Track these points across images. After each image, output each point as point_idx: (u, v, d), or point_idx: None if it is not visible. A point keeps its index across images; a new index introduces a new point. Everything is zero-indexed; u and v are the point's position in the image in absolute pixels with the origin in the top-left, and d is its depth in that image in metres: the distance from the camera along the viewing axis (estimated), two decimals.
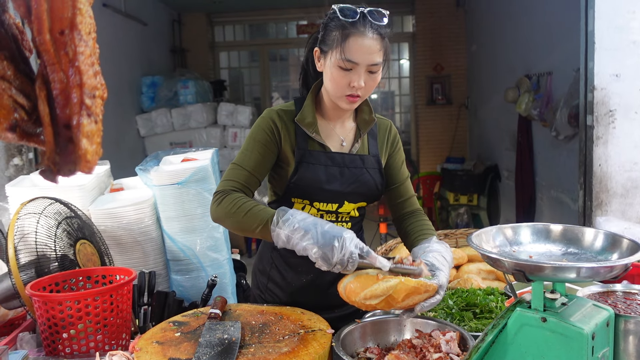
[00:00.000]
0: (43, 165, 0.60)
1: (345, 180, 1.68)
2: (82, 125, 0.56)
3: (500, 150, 6.75)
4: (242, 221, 1.50)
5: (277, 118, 1.68)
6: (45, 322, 1.53)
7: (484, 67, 7.36)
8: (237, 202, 1.53)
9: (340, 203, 1.70)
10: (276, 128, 1.66)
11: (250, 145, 1.67)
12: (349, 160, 1.70)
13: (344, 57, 1.54)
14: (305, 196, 1.67)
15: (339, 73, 1.57)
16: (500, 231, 1.24)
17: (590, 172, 3.23)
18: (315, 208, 1.69)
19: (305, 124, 1.67)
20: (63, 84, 0.55)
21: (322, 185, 1.65)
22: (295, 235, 1.37)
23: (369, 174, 1.72)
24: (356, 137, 1.75)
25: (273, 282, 1.80)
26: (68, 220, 1.90)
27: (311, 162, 1.66)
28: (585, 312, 1.10)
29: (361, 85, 1.57)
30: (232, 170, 1.64)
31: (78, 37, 0.55)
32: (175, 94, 7.10)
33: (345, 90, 1.59)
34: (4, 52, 0.58)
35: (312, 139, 1.68)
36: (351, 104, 1.62)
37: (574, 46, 3.44)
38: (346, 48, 1.54)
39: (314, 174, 1.65)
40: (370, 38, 1.54)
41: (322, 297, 1.75)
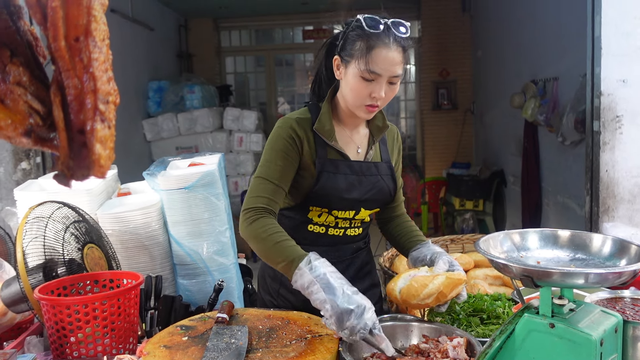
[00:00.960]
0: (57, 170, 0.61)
1: (363, 188, 1.69)
2: (96, 131, 0.56)
3: (506, 155, 6.74)
4: (269, 250, 1.51)
5: (296, 126, 1.67)
6: (53, 325, 1.54)
7: (490, 72, 7.35)
8: (269, 229, 1.52)
9: (357, 210, 1.71)
10: (297, 136, 1.66)
11: (272, 156, 1.65)
12: (366, 168, 1.71)
13: (369, 68, 1.54)
14: (324, 205, 1.68)
15: (361, 84, 1.57)
16: (508, 237, 1.24)
17: (597, 178, 3.22)
18: (333, 216, 1.70)
19: (325, 132, 1.66)
20: (77, 89, 0.56)
21: (342, 195, 1.66)
22: (318, 285, 1.35)
23: (383, 180, 1.74)
24: (369, 144, 1.77)
25: (285, 287, 1.80)
26: (76, 224, 1.91)
27: (332, 171, 1.66)
28: (594, 318, 1.10)
29: (382, 97, 1.57)
30: (258, 185, 1.63)
31: (92, 43, 0.56)
32: (181, 98, 7.13)
33: (366, 100, 1.59)
34: (20, 58, 0.59)
35: (330, 147, 1.68)
36: (369, 114, 1.63)
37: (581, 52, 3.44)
38: (370, 59, 1.54)
39: (334, 183, 1.65)
40: (394, 50, 1.55)
41: None
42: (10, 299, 1.71)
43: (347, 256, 1.79)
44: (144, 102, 7.05)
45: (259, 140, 7.19)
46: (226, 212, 2.21)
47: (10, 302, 1.71)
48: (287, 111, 9.38)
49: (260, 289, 1.91)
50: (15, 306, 1.71)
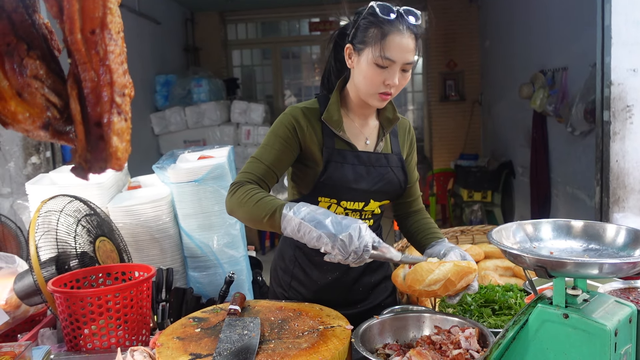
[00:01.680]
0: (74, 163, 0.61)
1: (372, 179, 1.69)
2: (113, 123, 0.57)
3: (514, 146, 6.70)
4: (251, 211, 1.50)
5: (301, 116, 1.67)
6: (67, 317, 1.55)
7: (498, 63, 7.30)
8: (249, 192, 1.53)
9: (366, 202, 1.71)
10: (299, 126, 1.66)
11: (270, 140, 1.67)
12: (375, 159, 1.71)
13: (383, 54, 1.54)
14: (333, 195, 1.67)
15: (375, 71, 1.57)
16: (521, 227, 1.24)
17: (607, 168, 3.20)
18: (342, 207, 1.69)
19: (332, 122, 1.66)
20: (94, 82, 0.56)
21: (350, 185, 1.65)
22: (308, 224, 1.37)
23: (393, 172, 1.73)
24: (379, 136, 1.76)
25: (297, 280, 1.81)
26: (87, 217, 1.92)
27: (339, 161, 1.66)
28: (608, 309, 1.09)
29: (395, 84, 1.57)
30: (251, 164, 1.65)
31: (108, 36, 0.56)
32: (188, 92, 7.13)
33: (379, 88, 1.59)
34: (36, 51, 0.59)
35: (338, 138, 1.68)
36: (382, 102, 1.63)
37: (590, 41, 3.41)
38: (385, 46, 1.54)
39: (342, 173, 1.65)
40: (407, 37, 1.55)
41: (346, 293, 1.77)
42: (23, 291, 1.73)
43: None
44: (152, 96, 7.06)
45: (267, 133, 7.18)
46: None
47: (24, 295, 1.73)
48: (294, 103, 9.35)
49: (272, 281, 1.92)
50: (29, 299, 1.73)
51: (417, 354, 1.07)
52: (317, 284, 1.78)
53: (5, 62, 0.57)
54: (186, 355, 1.26)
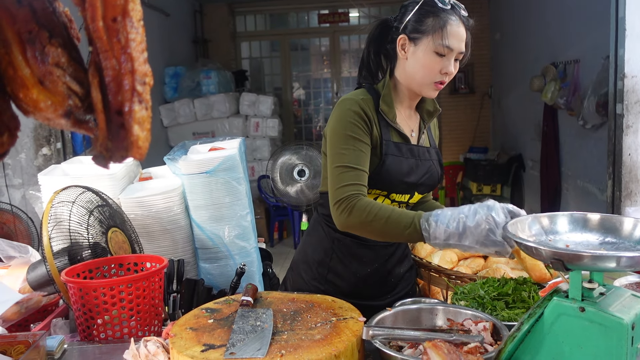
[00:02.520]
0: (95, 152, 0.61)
1: (419, 172, 1.71)
2: (134, 112, 0.56)
3: (524, 139, 6.67)
4: (383, 229, 1.50)
5: (364, 107, 1.64)
6: (80, 307, 1.56)
7: (508, 55, 7.25)
8: (371, 210, 1.50)
9: (412, 194, 1.73)
10: (367, 116, 1.64)
11: (346, 141, 1.60)
12: (422, 152, 1.74)
13: (445, 43, 1.57)
14: (385, 187, 1.67)
15: (434, 59, 1.60)
16: (536, 220, 1.23)
17: (620, 162, 3.18)
18: (390, 199, 1.70)
19: (389, 113, 1.67)
20: (115, 70, 0.56)
21: (403, 178, 1.67)
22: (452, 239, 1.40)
23: (434, 165, 1.77)
24: (421, 128, 1.79)
25: (334, 272, 1.80)
26: (99, 208, 1.93)
27: (396, 154, 1.67)
28: (625, 302, 1.08)
29: (452, 72, 1.62)
30: (341, 174, 1.57)
31: (130, 24, 0.56)
32: (197, 84, 7.13)
33: (436, 77, 1.62)
34: (58, 39, 0.59)
35: (392, 130, 1.68)
36: (436, 91, 1.66)
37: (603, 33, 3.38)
38: (445, 34, 1.58)
39: (398, 166, 1.66)
40: (462, 27, 1.61)
41: (381, 285, 1.80)
42: (36, 281, 1.74)
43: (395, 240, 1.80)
44: (161, 87, 7.07)
45: (275, 125, 7.18)
46: (247, 196, 2.22)
47: (37, 285, 1.74)
48: (302, 96, 9.34)
49: (303, 274, 1.88)
50: (42, 289, 1.74)
51: (433, 346, 1.07)
52: (356, 276, 1.79)
53: (27, 49, 0.57)
54: (200, 346, 1.27)
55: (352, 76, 8.92)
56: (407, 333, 1.28)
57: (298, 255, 1.94)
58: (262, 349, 1.23)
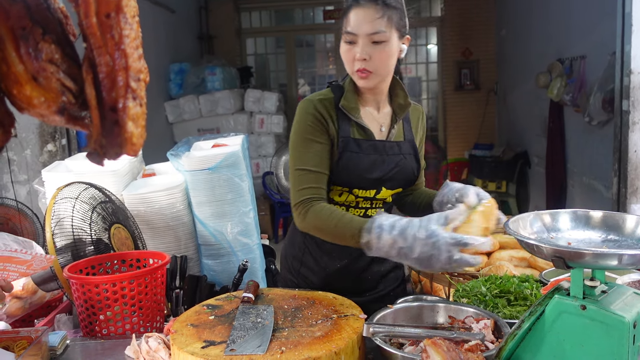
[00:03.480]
0: (90, 149, 0.61)
1: (385, 167, 1.68)
2: (128, 108, 0.56)
3: (530, 136, 6.63)
4: (332, 236, 1.52)
5: (320, 107, 1.65)
6: (82, 304, 1.56)
7: (514, 51, 7.21)
8: (322, 215, 1.52)
9: (378, 189, 1.70)
10: (321, 116, 1.64)
11: (304, 144, 1.63)
12: (389, 147, 1.70)
13: (345, 29, 1.57)
14: (345, 184, 1.67)
15: (344, 47, 1.60)
16: (538, 217, 1.22)
17: (625, 159, 3.16)
18: (354, 195, 1.69)
19: (351, 109, 1.66)
20: (109, 67, 0.56)
21: (363, 174, 1.65)
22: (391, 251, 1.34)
23: (406, 160, 1.72)
24: (392, 123, 1.75)
25: (306, 267, 1.81)
26: (102, 204, 1.93)
27: (354, 150, 1.65)
28: (626, 300, 1.08)
29: (362, 56, 1.56)
30: (299, 177, 1.60)
31: (124, 20, 0.56)
32: (202, 80, 7.13)
33: (354, 65, 1.59)
34: (52, 35, 0.59)
35: (353, 126, 1.67)
36: (363, 81, 1.61)
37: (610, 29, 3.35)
38: (347, 21, 1.58)
39: (356, 162, 1.64)
40: (367, 7, 1.55)
41: (355, 281, 1.77)
42: (40, 277, 1.74)
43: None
44: (166, 84, 7.07)
45: (280, 121, 7.17)
46: (250, 193, 2.22)
47: (40, 281, 1.75)
48: (307, 92, 9.32)
49: (283, 268, 1.92)
50: (45, 285, 1.75)
51: (432, 343, 1.06)
52: (326, 271, 1.78)
53: (21, 46, 0.56)
54: (200, 342, 1.27)
55: None
56: (407, 330, 1.28)
57: (282, 251, 1.95)
58: (263, 346, 1.23)
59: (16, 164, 3.40)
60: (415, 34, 8.64)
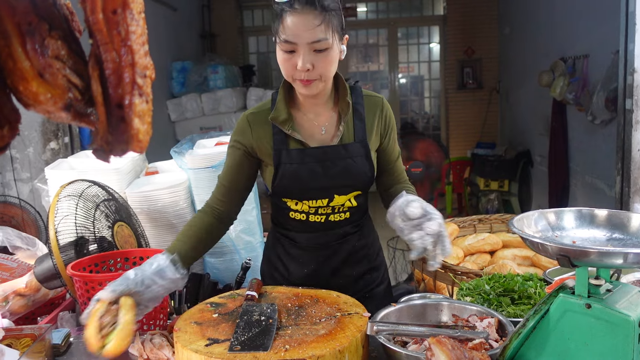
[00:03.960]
0: (95, 145, 0.61)
1: (330, 174, 1.59)
2: (134, 105, 0.56)
3: (532, 135, 6.62)
4: None
5: (246, 124, 1.62)
6: (86, 301, 1.56)
7: (517, 50, 7.20)
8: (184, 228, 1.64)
9: (329, 198, 1.62)
10: (245, 137, 1.61)
11: (226, 159, 1.68)
12: (331, 153, 1.60)
13: (282, 38, 1.45)
14: (292, 196, 1.63)
15: (283, 56, 1.49)
16: (543, 216, 1.22)
17: (629, 158, 3.15)
18: (307, 205, 1.63)
19: (280, 122, 1.58)
20: (115, 63, 0.56)
21: (305, 185, 1.59)
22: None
23: (354, 163, 1.61)
24: (338, 124, 1.64)
25: (278, 272, 1.77)
26: (106, 202, 1.93)
27: (290, 162, 1.59)
28: (632, 299, 1.07)
29: (305, 67, 1.46)
30: (216, 185, 1.70)
31: (130, 16, 0.55)
32: (205, 79, 7.13)
33: (295, 74, 1.49)
34: (58, 31, 0.59)
35: (290, 137, 1.59)
36: (307, 88, 1.51)
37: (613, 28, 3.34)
38: (281, 28, 1.45)
39: (294, 174, 1.58)
40: (307, 14, 1.43)
41: (326, 286, 1.64)
42: (43, 275, 1.74)
43: (332, 242, 1.70)
44: (168, 82, 7.07)
45: None
46: (253, 191, 2.21)
47: (44, 279, 1.75)
48: None
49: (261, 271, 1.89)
50: (48, 282, 1.75)
51: (437, 342, 1.06)
52: (295, 277, 1.73)
53: (27, 42, 0.56)
54: (204, 340, 1.27)
55: (360, 71, 8.89)
56: (411, 329, 1.28)
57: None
58: (266, 344, 1.23)
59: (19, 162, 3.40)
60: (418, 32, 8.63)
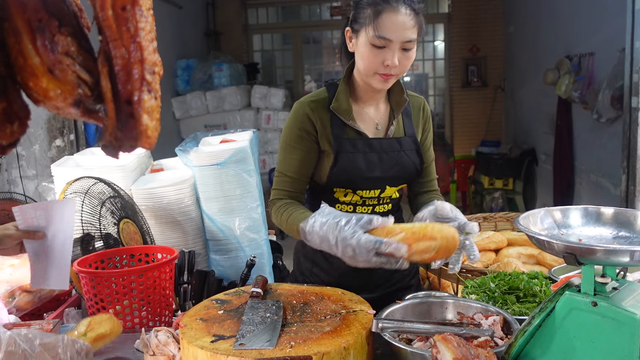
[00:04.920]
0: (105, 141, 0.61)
1: (385, 165, 1.66)
2: (143, 101, 0.56)
3: (537, 133, 6.61)
4: (286, 230, 1.61)
5: (309, 112, 1.65)
6: (92, 297, 1.57)
7: (522, 48, 7.18)
8: (278, 213, 1.63)
9: (382, 188, 1.69)
10: (311, 123, 1.64)
11: (287, 150, 1.67)
12: (387, 145, 1.68)
13: (377, 34, 1.50)
14: (347, 185, 1.67)
15: (372, 51, 1.53)
16: (549, 213, 1.22)
17: (634, 156, 3.14)
18: (358, 195, 1.68)
19: (342, 111, 1.64)
20: (125, 59, 0.56)
21: (363, 174, 1.64)
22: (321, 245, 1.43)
23: (407, 156, 1.70)
24: (390, 119, 1.72)
25: (318, 266, 1.80)
26: (111, 199, 1.94)
27: (350, 150, 1.64)
28: (638, 297, 1.07)
29: (395, 64, 1.53)
30: (278, 179, 1.70)
31: (139, 12, 0.56)
32: (209, 76, 7.14)
33: (379, 69, 1.55)
34: (68, 28, 0.59)
35: (348, 126, 1.65)
36: (384, 83, 1.58)
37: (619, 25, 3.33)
38: (379, 25, 1.50)
39: (353, 163, 1.63)
40: (404, 14, 1.50)
41: (368, 278, 1.75)
42: None
43: None
44: (173, 80, 7.09)
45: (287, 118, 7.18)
46: (258, 188, 2.22)
47: None
48: (314, 89, 9.32)
49: (295, 268, 1.91)
50: None
51: (442, 339, 1.06)
52: (339, 270, 1.76)
53: (37, 38, 0.57)
54: (209, 337, 1.27)
55: None
56: (416, 326, 1.28)
57: (294, 250, 1.94)
58: (272, 341, 1.23)
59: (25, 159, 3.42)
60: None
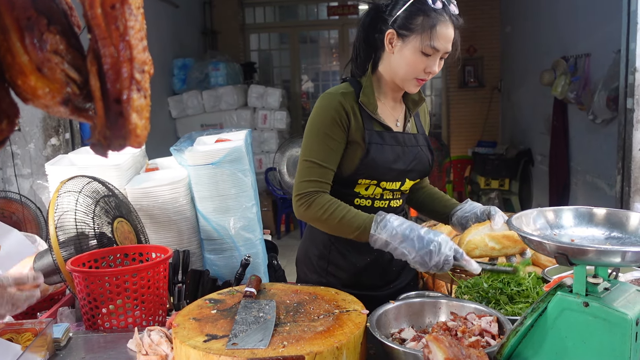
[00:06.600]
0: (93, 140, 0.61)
1: (407, 158, 1.74)
2: (132, 100, 0.56)
3: (534, 134, 6.62)
4: (336, 228, 1.62)
5: (343, 101, 1.68)
6: (85, 297, 1.57)
7: (519, 49, 7.19)
8: (328, 208, 1.61)
9: (402, 181, 1.76)
10: (345, 114, 1.67)
11: (319, 138, 1.66)
12: (407, 139, 1.77)
13: (432, 44, 1.59)
14: (373, 176, 1.70)
15: (420, 58, 1.62)
16: (541, 214, 1.22)
17: (630, 157, 3.15)
18: (381, 187, 1.73)
19: (369, 105, 1.70)
20: (114, 58, 0.56)
21: (390, 165, 1.70)
22: (394, 240, 1.51)
23: (422, 151, 1.80)
24: (406, 117, 1.82)
25: (334, 264, 1.81)
26: (105, 198, 1.93)
27: (379, 142, 1.70)
28: (629, 298, 1.07)
29: (436, 72, 1.66)
30: (307, 169, 1.66)
31: (128, 11, 0.55)
32: (206, 76, 7.13)
33: (419, 74, 1.65)
34: (57, 26, 0.59)
35: (374, 120, 1.71)
36: (417, 87, 1.70)
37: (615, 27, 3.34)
38: (434, 35, 1.59)
39: (383, 154, 1.69)
40: (451, 27, 1.62)
41: (382, 273, 1.81)
42: (43, 270, 1.74)
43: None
44: (169, 79, 7.08)
45: (283, 117, 7.17)
46: (253, 188, 2.22)
47: (43, 274, 1.75)
48: (311, 89, 9.31)
49: (305, 269, 1.90)
50: (48, 278, 1.75)
51: (434, 339, 1.06)
52: (356, 266, 1.80)
53: (26, 36, 0.56)
54: (202, 336, 1.27)
55: None
56: None
57: (300, 250, 1.95)
58: (265, 340, 1.23)
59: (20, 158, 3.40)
60: None
